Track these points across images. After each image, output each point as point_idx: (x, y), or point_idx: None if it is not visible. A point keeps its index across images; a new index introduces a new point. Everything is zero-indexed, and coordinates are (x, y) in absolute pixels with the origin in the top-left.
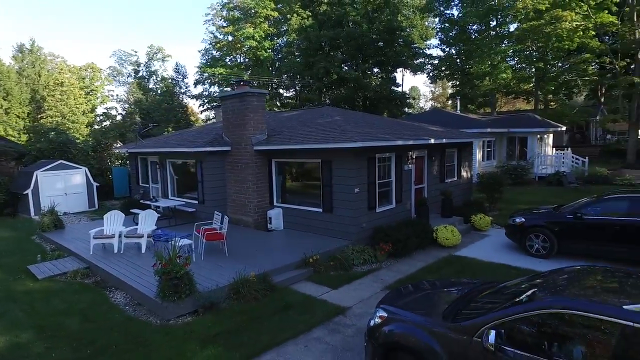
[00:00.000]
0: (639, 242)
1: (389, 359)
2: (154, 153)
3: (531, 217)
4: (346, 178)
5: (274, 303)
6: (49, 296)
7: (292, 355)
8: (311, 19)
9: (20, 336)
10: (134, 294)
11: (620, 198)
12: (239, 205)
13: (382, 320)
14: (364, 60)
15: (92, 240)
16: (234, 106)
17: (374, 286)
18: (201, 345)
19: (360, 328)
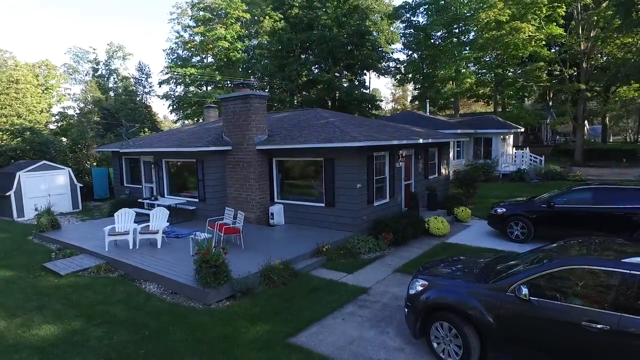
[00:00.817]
0: (601, 227)
1: (430, 319)
2: (148, 153)
3: (511, 207)
4: (349, 175)
5: (301, 287)
6: (81, 289)
7: (334, 327)
8: (283, 22)
9: (71, 324)
10: (168, 284)
11: (585, 189)
12: (240, 202)
13: (423, 288)
14: (335, 63)
15: (107, 237)
16: (236, 107)
17: (384, 270)
18: (250, 322)
19: (384, 303)
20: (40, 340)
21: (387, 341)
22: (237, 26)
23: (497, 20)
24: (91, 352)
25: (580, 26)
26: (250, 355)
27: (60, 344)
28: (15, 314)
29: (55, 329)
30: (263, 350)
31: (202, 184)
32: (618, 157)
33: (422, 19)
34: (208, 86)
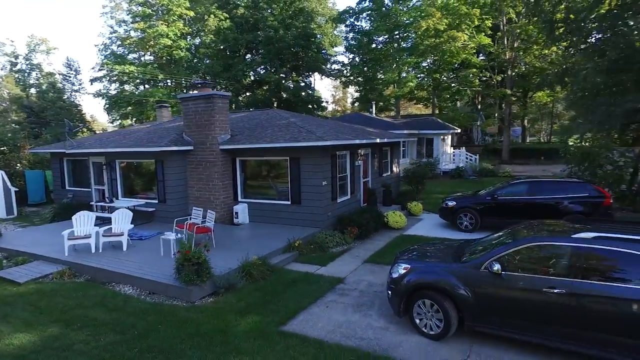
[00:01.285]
0: (536, 215)
1: (412, 298)
2: (98, 153)
3: (460, 200)
4: (314, 173)
5: (280, 280)
6: (47, 296)
7: (320, 314)
8: (228, 21)
9: (47, 330)
10: (145, 285)
11: (521, 183)
12: (203, 202)
13: (405, 271)
14: (282, 64)
15: (67, 241)
16: (198, 107)
17: (354, 261)
18: (240, 315)
19: (361, 290)
20: (17, 349)
21: (372, 322)
22: (180, 24)
23: (436, 29)
24: (80, 355)
25: (506, 37)
26: (249, 344)
27: (42, 350)
28: None
29: (31, 336)
30: (259, 339)
31: (162, 185)
32: (537, 155)
33: (365, 24)
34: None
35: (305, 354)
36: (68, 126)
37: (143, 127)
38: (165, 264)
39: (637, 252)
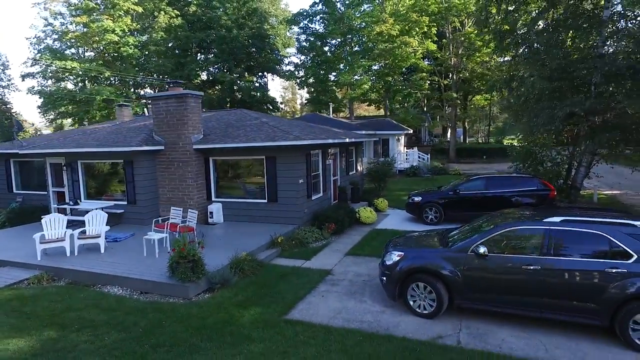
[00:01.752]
0: (493, 207)
1: (407, 283)
2: (57, 154)
3: (425, 196)
4: (291, 171)
5: (270, 274)
6: (31, 301)
7: (318, 303)
8: (180, 19)
9: (44, 334)
10: (135, 285)
11: (479, 179)
12: (175, 202)
13: (399, 258)
14: (236, 64)
15: (39, 245)
16: (169, 107)
17: (335, 255)
18: (241, 308)
19: (350, 280)
20: (16, 353)
21: (369, 307)
22: (128, 19)
23: (389, 34)
24: (88, 355)
25: (451, 44)
26: (258, 332)
27: (43, 353)
28: None
29: (27, 341)
30: (267, 328)
31: (132, 186)
32: (479, 154)
33: (319, 26)
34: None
35: (314, 337)
36: (17, 125)
37: (104, 126)
38: (150, 263)
39: (594, 231)
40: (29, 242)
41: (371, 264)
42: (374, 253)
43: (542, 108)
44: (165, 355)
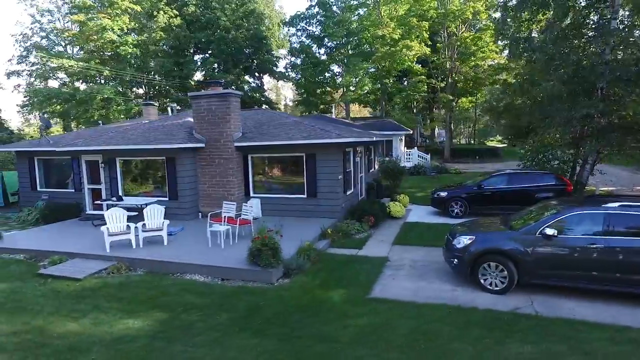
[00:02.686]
0: (514, 201)
1: (478, 263)
2: (94, 151)
3: (451, 191)
4: (330, 168)
5: (333, 261)
6: (121, 288)
7: (392, 284)
8: (179, 19)
9: (154, 315)
10: (216, 272)
11: (502, 174)
12: (216, 198)
13: (471, 241)
14: (235, 64)
15: (107, 237)
16: (211, 105)
17: (383, 245)
18: (324, 290)
19: (410, 266)
20: (140, 331)
21: (440, 287)
22: (126, 18)
23: (391, 38)
24: (208, 330)
25: (447, 48)
26: (353, 309)
27: (167, 330)
28: (74, 316)
29: (143, 321)
30: (358, 305)
31: (174, 182)
32: (472, 155)
33: (315, 28)
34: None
35: (407, 311)
36: (45, 123)
37: (135, 124)
38: (222, 253)
39: None
40: (81, 236)
41: (421, 252)
42: (419, 243)
43: (559, 110)
44: (281, 329)
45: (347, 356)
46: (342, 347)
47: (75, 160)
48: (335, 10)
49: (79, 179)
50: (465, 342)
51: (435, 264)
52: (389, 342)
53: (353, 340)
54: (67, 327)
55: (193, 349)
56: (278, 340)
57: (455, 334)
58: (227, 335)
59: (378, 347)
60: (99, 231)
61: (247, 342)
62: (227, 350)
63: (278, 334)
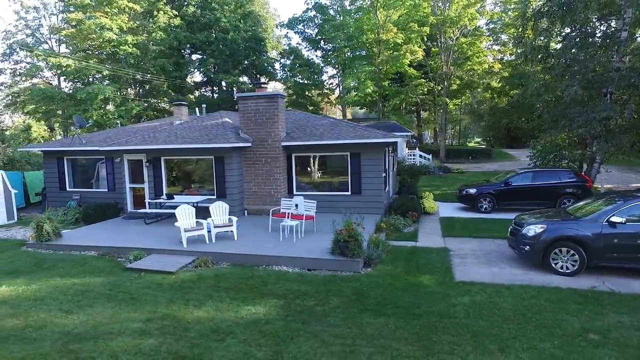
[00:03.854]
0: (539, 197)
1: (549, 249)
2: (137, 151)
3: (479, 188)
4: (374, 166)
5: (400, 252)
6: (218, 279)
7: (468, 270)
8: (179, 19)
9: (271, 301)
10: (303, 263)
11: (528, 172)
12: (262, 196)
13: (542, 230)
14: (234, 66)
15: (184, 233)
16: (259, 106)
17: (434, 237)
18: (411, 276)
19: (473, 254)
20: (266, 314)
21: (512, 271)
22: (125, 17)
23: (395, 42)
24: (333, 312)
25: (443, 53)
26: (450, 291)
27: (291, 314)
28: (194, 305)
29: (262, 307)
30: (452, 288)
31: (222, 181)
32: (465, 155)
33: (312, 31)
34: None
35: (500, 291)
36: (79, 122)
37: (164, 125)
38: (295, 246)
39: None
40: (143, 233)
41: (473, 243)
42: (466, 234)
43: (580, 112)
44: (397, 309)
45: (471, 327)
46: (463, 321)
47: (109, 160)
48: (332, 14)
49: (112, 178)
50: (568, 314)
51: (494, 252)
52: (501, 316)
53: (469, 315)
54: (195, 314)
55: (330, 328)
56: (401, 318)
57: (555, 307)
58: (352, 316)
59: (494, 320)
60: (158, 228)
61: (374, 320)
62: (363, 328)
63: (397, 313)
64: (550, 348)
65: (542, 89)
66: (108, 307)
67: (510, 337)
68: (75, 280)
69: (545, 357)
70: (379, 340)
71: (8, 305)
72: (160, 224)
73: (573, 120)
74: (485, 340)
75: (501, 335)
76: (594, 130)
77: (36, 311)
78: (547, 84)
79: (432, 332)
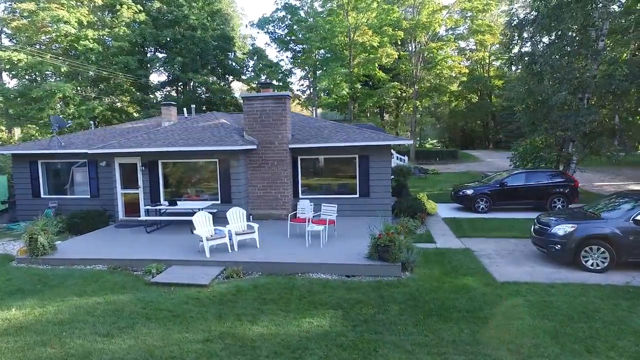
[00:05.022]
0: (531, 196)
1: (580, 247)
2: (131, 154)
3: (476, 189)
4: (383, 168)
5: (428, 255)
6: (258, 291)
7: (500, 270)
8: (144, 15)
9: (329, 312)
10: (340, 269)
11: (521, 173)
12: (268, 201)
13: (573, 229)
14: (203, 65)
15: (207, 242)
16: (265, 107)
17: (449, 238)
18: (452, 278)
19: (497, 255)
20: (332, 326)
21: (543, 269)
22: (85, 10)
23: (371, 45)
24: (397, 319)
25: (413, 57)
26: (497, 291)
27: (357, 324)
28: (248, 320)
29: (322, 318)
30: (499, 288)
31: (228, 185)
32: (434, 157)
33: (282, 31)
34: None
35: (546, 290)
36: (58, 123)
37: (149, 125)
38: (324, 251)
39: None
40: (150, 243)
41: (490, 243)
42: (478, 235)
43: (567, 117)
44: (459, 313)
45: (543, 328)
46: (531, 322)
47: (92, 164)
48: (302, 15)
49: (96, 183)
50: (624, 311)
51: (516, 252)
52: (564, 315)
53: (533, 316)
54: (255, 330)
55: (407, 336)
56: (470, 322)
57: (608, 304)
58: (420, 322)
59: (559, 319)
60: (163, 236)
61: (444, 325)
62: (440, 334)
63: (463, 317)
64: (632, 346)
65: (526, 95)
66: (152, 327)
67: (588, 337)
68: (96, 298)
69: (633, 355)
70: (464, 346)
71: (32, 331)
72: (164, 232)
73: (557, 123)
74: (565, 340)
75: (577, 335)
76: (580, 133)
77: (69, 337)
78: (530, 89)
79: (510, 335)
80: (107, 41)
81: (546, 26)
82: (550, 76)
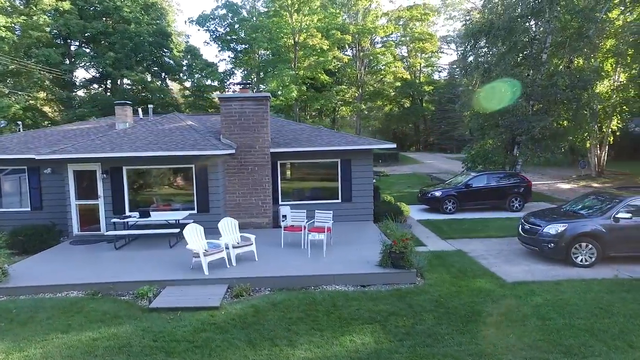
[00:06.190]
0: (494, 197)
1: (571, 244)
2: (90, 159)
3: (444, 190)
4: (365, 172)
5: (429, 259)
6: (284, 309)
7: (501, 270)
8: (69, 3)
9: (365, 327)
10: (354, 280)
11: (482, 175)
12: (248, 208)
13: (564, 228)
14: (138, 62)
15: (204, 257)
16: (245, 109)
17: (434, 240)
18: (463, 281)
19: (490, 254)
20: (377, 342)
21: (539, 267)
22: None
23: (321, 47)
24: (436, 329)
25: (358, 61)
26: (512, 292)
27: (402, 338)
28: (284, 343)
29: (362, 335)
30: (511, 289)
31: (206, 193)
32: (376, 159)
33: (223, 29)
34: None
35: (553, 287)
36: None
37: (111, 126)
38: (329, 261)
39: None
40: (124, 261)
41: (476, 243)
42: (461, 236)
43: (520, 121)
44: (491, 318)
45: (578, 326)
46: (562, 321)
47: (33, 171)
48: (245, 14)
49: (39, 194)
50: (634, 303)
51: (504, 251)
52: (586, 311)
53: (560, 315)
54: (299, 355)
55: (458, 346)
56: (507, 326)
57: (617, 298)
58: (462, 330)
59: (584, 316)
60: (137, 253)
61: (488, 331)
62: (489, 340)
63: (498, 321)
64: None
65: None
66: None
67: (620, 332)
68: (90, 334)
69: None
70: (519, 351)
71: None
72: (134, 248)
73: (510, 127)
74: (605, 337)
75: (610, 330)
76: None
77: None
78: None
79: (552, 336)
80: (18, 30)
81: (502, 37)
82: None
